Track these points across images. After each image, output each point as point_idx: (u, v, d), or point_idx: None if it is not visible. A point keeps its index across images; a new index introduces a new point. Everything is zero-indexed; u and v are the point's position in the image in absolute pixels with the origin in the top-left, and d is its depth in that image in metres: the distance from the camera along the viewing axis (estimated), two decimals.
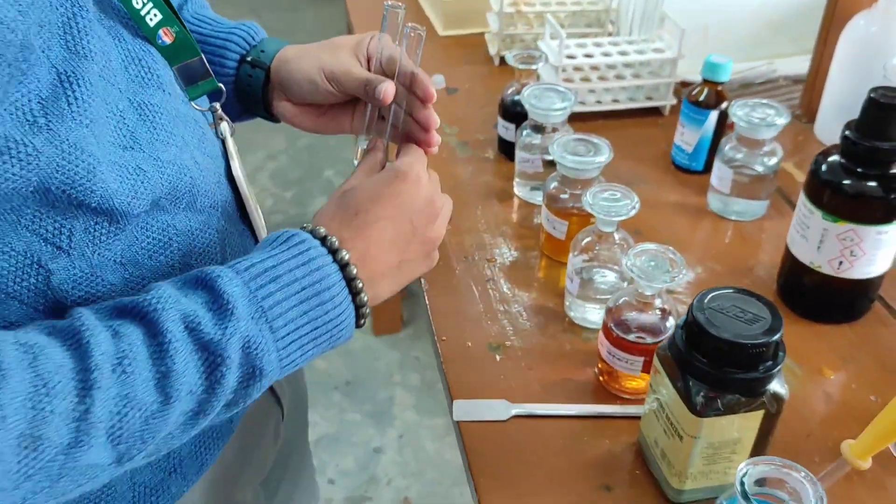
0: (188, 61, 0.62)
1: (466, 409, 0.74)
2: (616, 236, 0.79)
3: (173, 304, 0.48)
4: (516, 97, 1.02)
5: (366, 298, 0.56)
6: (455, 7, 1.36)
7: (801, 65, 1.21)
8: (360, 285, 0.55)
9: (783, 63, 1.26)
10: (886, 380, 0.78)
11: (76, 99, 0.47)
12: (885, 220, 0.75)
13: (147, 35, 0.58)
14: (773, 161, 0.93)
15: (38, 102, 0.45)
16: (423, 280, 0.88)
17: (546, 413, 0.74)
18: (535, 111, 0.93)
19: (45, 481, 0.43)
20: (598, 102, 1.15)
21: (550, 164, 0.92)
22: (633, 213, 0.77)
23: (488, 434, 0.72)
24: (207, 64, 0.64)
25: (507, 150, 1.07)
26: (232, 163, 0.67)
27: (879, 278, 0.80)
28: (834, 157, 0.77)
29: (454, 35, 1.38)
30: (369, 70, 0.71)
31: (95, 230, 0.51)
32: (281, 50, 0.75)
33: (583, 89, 1.13)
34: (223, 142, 0.67)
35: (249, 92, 0.76)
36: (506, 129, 1.06)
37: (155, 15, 0.59)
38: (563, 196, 0.87)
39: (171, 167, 0.55)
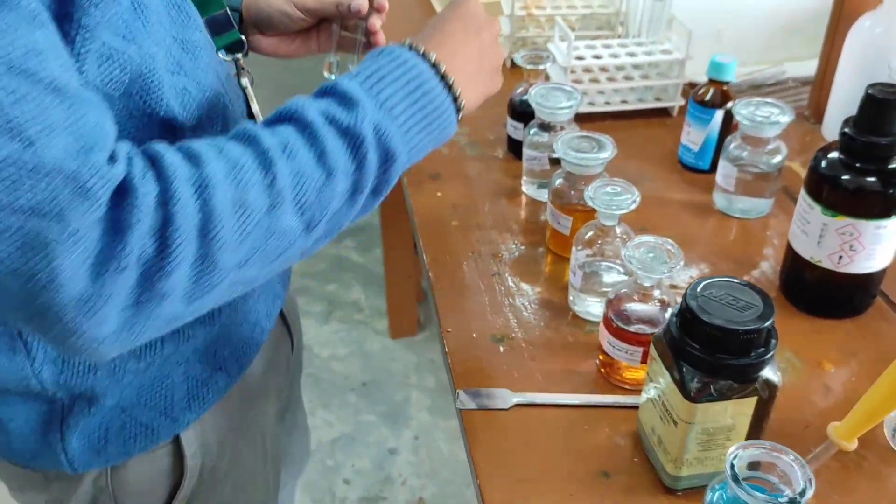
0: (215, 14, 0.73)
1: (469, 398, 0.76)
2: (618, 230, 0.81)
3: (310, 105, 0.59)
4: (524, 97, 1.04)
5: (458, 92, 0.65)
6: None
7: (809, 67, 1.22)
8: (452, 80, 0.65)
9: (793, 65, 1.27)
10: None
11: (148, 22, 0.57)
12: (884, 214, 0.76)
13: None
14: (778, 159, 0.94)
15: (123, 21, 0.55)
16: (431, 274, 0.90)
17: (547, 402, 0.75)
18: (542, 110, 0.95)
19: (259, 241, 0.54)
20: (607, 103, 1.17)
21: (557, 163, 0.93)
22: (633, 206, 0.78)
23: (490, 422, 0.74)
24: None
25: (515, 149, 1.09)
26: (252, 104, 0.76)
27: (880, 273, 0.81)
28: (833, 153, 0.79)
29: None
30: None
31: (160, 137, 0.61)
32: None
33: (592, 90, 1.15)
34: (244, 90, 0.77)
35: None
36: (514, 129, 1.08)
37: None
38: (567, 192, 0.89)
39: (210, 92, 0.64)
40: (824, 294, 0.83)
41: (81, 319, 0.48)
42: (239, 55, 0.77)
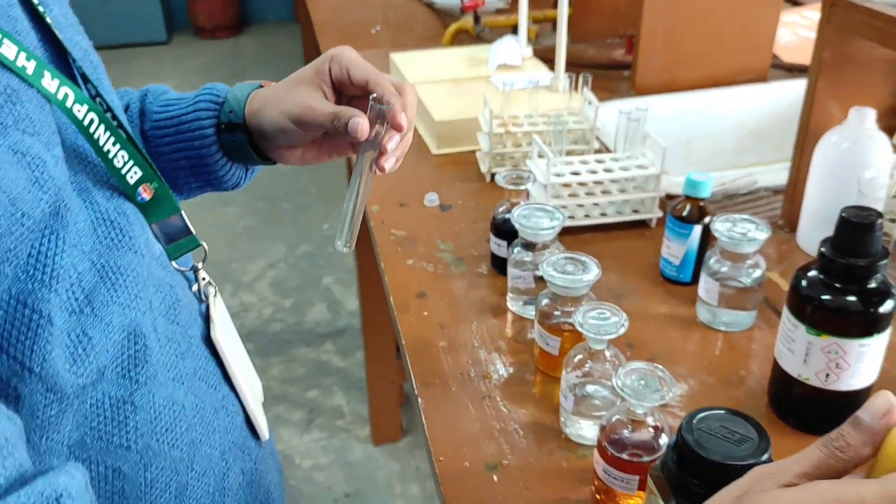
0: (167, 218, 0.63)
1: None
2: (607, 354, 0.81)
3: None
4: (507, 216, 1.06)
5: None
6: (447, 128, 1.42)
7: (780, 175, 1.26)
8: None
9: (763, 174, 1.31)
10: None
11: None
12: (866, 333, 0.77)
13: (127, 192, 0.59)
14: (758, 273, 0.96)
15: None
16: (420, 399, 0.90)
17: None
18: (525, 230, 0.97)
19: None
20: (587, 216, 1.19)
21: (542, 280, 0.95)
22: (621, 331, 0.79)
23: None
24: (186, 220, 0.65)
25: (499, 265, 1.10)
26: (211, 326, 0.65)
27: (867, 390, 0.82)
28: (813, 273, 0.80)
29: (447, 153, 1.43)
30: (337, 96, 0.74)
31: (42, 412, 0.48)
32: (247, 104, 0.76)
33: (571, 204, 1.17)
34: (207, 304, 0.66)
35: (242, 152, 0.77)
36: (498, 246, 1.09)
37: (135, 172, 0.59)
38: (554, 313, 0.90)
39: (121, 333, 0.53)
40: (813, 411, 0.84)
41: None
42: (199, 265, 0.67)
